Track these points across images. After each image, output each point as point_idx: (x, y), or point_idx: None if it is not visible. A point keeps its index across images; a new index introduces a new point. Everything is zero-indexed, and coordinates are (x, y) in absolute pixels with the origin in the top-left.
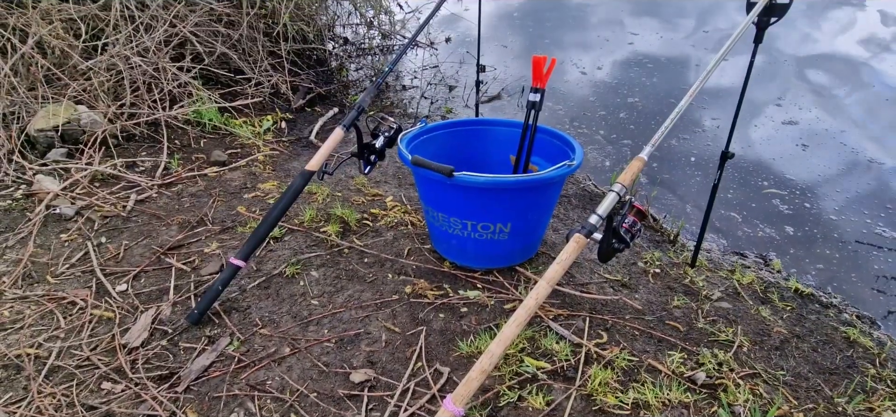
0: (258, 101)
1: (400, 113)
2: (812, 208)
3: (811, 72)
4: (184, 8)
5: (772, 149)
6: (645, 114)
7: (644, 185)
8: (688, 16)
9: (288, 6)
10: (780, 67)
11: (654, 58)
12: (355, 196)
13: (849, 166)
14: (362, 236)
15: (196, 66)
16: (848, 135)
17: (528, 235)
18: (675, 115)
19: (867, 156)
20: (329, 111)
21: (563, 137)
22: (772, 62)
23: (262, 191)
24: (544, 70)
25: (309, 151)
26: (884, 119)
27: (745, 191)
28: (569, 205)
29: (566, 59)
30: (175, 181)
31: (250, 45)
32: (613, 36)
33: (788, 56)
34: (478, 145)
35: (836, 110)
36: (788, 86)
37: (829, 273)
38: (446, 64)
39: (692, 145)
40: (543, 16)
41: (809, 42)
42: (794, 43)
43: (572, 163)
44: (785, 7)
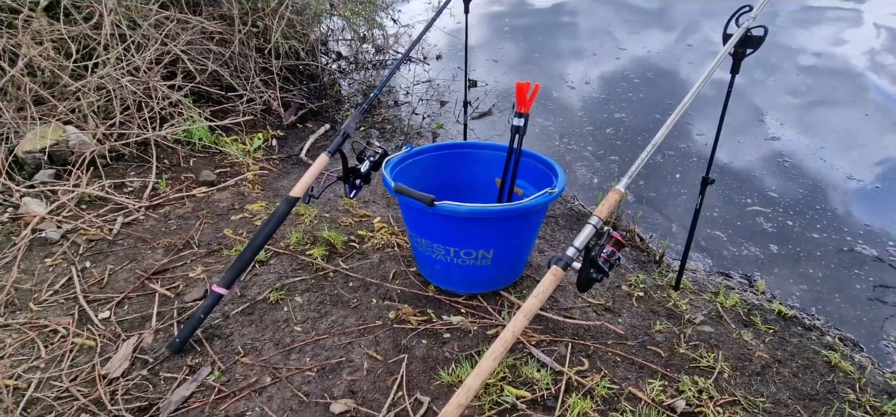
0: (249, 119)
1: (391, 129)
2: (794, 226)
3: (793, 87)
4: (176, 27)
5: (755, 165)
6: (631, 130)
7: (631, 204)
8: (673, 29)
9: (279, 24)
10: (763, 83)
11: (641, 72)
12: (343, 216)
13: (829, 183)
14: (348, 259)
15: (187, 84)
16: (827, 152)
17: (511, 261)
18: (651, 148)
19: (846, 172)
20: (321, 127)
21: (547, 162)
22: (754, 79)
23: (249, 212)
24: (528, 95)
25: (299, 169)
26: (862, 135)
27: (729, 208)
28: (556, 226)
29: (555, 73)
30: (163, 202)
31: (242, 62)
32: (601, 49)
33: (771, 70)
34: (464, 168)
35: (817, 126)
36: (771, 101)
37: (812, 293)
38: (439, 77)
39: (678, 162)
40: (533, 29)
41: (794, 55)
42: (778, 56)
43: (554, 190)
44: (760, 39)
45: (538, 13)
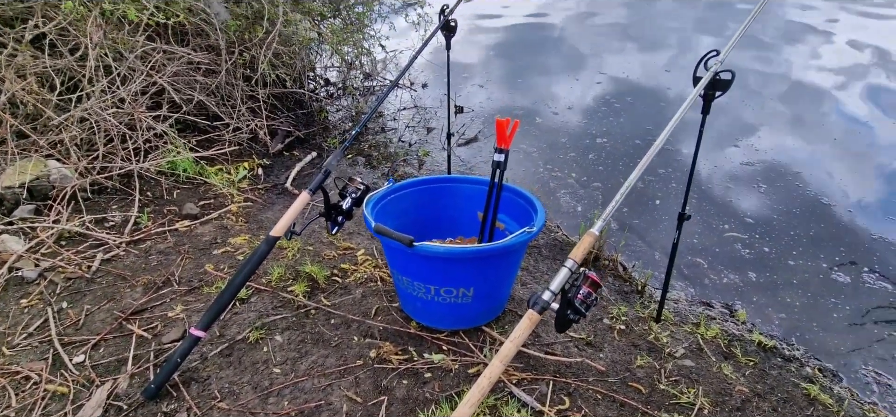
0: (235, 149)
1: (378, 156)
2: (771, 252)
3: (768, 110)
4: (162, 58)
5: (731, 190)
6: (613, 155)
7: (614, 232)
8: (651, 50)
9: (266, 54)
10: (738, 105)
11: (620, 95)
12: (327, 249)
13: (804, 207)
14: (331, 294)
15: (173, 115)
16: (802, 176)
17: (492, 298)
18: (625, 189)
19: (822, 197)
20: (307, 155)
21: (527, 197)
22: (729, 103)
23: (232, 245)
24: (507, 132)
25: (284, 199)
26: (836, 158)
27: (709, 235)
28: (539, 257)
29: (538, 98)
30: (144, 237)
31: (229, 90)
32: (582, 73)
33: (748, 94)
34: (446, 203)
35: (791, 150)
36: (745, 125)
37: (791, 321)
38: (426, 103)
39: (660, 187)
40: (517, 53)
41: (769, 78)
42: (753, 79)
43: (532, 228)
44: (728, 83)
45: (522, 37)
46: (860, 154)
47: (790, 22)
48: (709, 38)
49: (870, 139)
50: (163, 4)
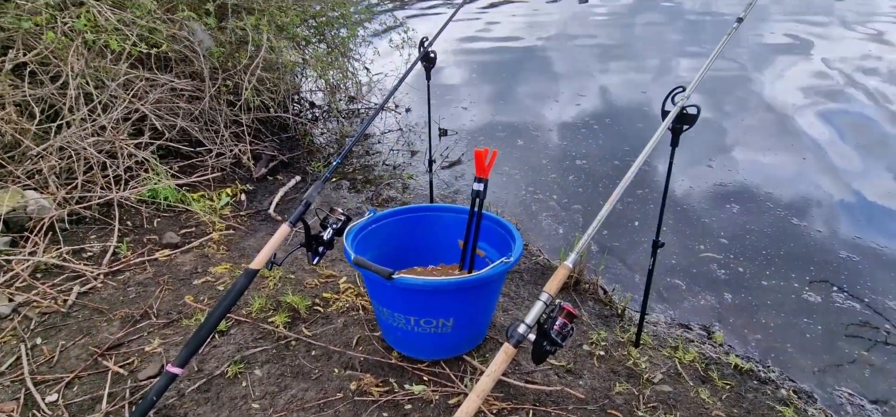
0: (218, 175)
1: (362, 180)
2: (746, 272)
3: (740, 130)
4: (144, 85)
5: (706, 211)
6: (592, 177)
7: (594, 255)
8: (628, 71)
9: (251, 80)
10: (712, 126)
11: (599, 117)
12: (309, 277)
13: (775, 227)
14: (312, 324)
15: (155, 142)
16: (773, 195)
17: (472, 327)
18: (597, 224)
19: (791, 217)
20: (291, 179)
21: (506, 225)
22: (704, 123)
23: (213, 275)
24: (486, 162)
25: (266, 225)
26: (805, 177)
27: (686, 255)
28: (520, 282)
29: (520, 120)
30: (123, 268)
31: (212, 116)
32: (563, 96)
33: (721, 114)
34: (427, 231)
35: (762, 169)
36: (719, 145)
37: (766, 342)
38: (410, 125)
39: (638, 209)
40: (499, 74)
41: (741, 97)
42: (727, 99)
43: (509, 259)
44: (694, 117)
45: (504, 59)
46: (827, 173)
47: (763, 44)
48: (686, 60)
49: (836, 158)
50: (146, 32)
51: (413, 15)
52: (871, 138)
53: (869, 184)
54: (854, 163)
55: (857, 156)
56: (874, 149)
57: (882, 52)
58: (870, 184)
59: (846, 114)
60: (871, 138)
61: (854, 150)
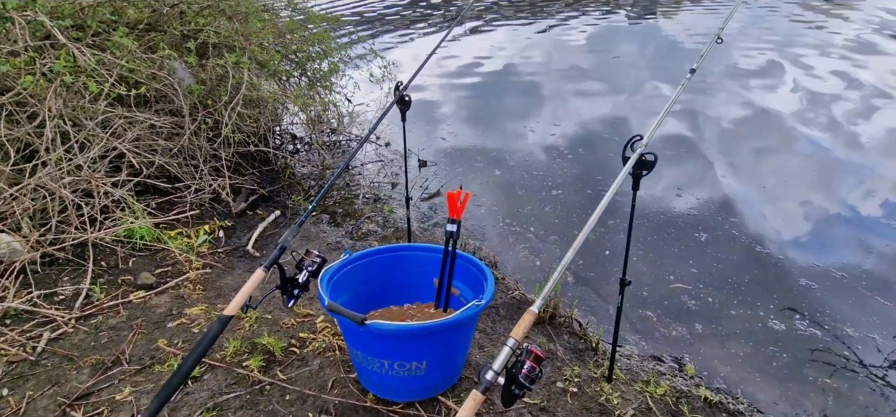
0: (196, 212)
1: (342, 213)
2: (714, 302)
3: (706, 158)
4: (123, 123)
5: (674, 240)
6: (567, 206)
7: (569, 285)
8: (603, 100)
9: (231, 116)
10: (679, 153)
11: (573, 147)
12: (285, 317)
13: (740, 255)
14: (287, 367)
15: (132, 179)
16: (737, 224)
17: (446, 368)
18: (562, 268)
19: (755, 245)
20: (271, 214)
21: (479, 265)
22: (673, 151)
23: (188, 317)
24: (459, 203)
25: (244, 262)
26: (767, 204)
27: (657, 286)
28: (497, 317)
29: (497, 151)
30: (95, 311)
31: (192, 151)
32: (538, 125)
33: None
34: (402, 270)
35: (727, 197)
36: (686, 173)
37: (735, 373)
38: (391, 156)
39: (611, 237)
40: (475, 107)
41: (705, 126)
42: (692, 127)
43: (481, 301)
44: (652, 163)
45: (483, 87)
46: (786, 201)
47: (727, 71)
48: (659, 85)
49: (795, 187)
50: (126, 71)
51: (393, 43)
52: (827, 166)
53: (824, 211)
54: (811, 190)
55: (814, 184)
56: (830, 177)
57: (846, 81)
58: (825, 211)
59: (805, 142)
60: (828, 166)
61: (811, 178)
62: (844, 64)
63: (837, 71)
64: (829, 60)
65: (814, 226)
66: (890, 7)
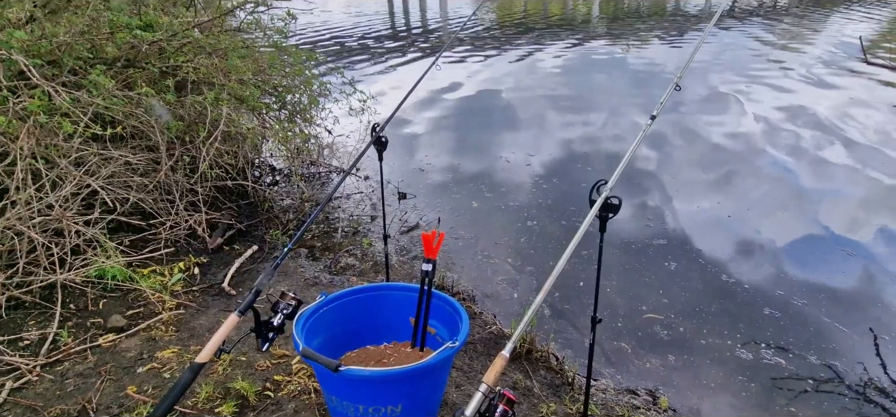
0: (171, 251)
1: (321, 247)
2: (686, 332)
3: (673, 187)
4: (98, 160)
5: (645, 269)
6: (542, 237)
7: (546, 319)
8: (576, 130)
9: (209, 152)
10: (650, 183)
11: (547, 176)
12: (260, 359)
13: (707, 284)
14: (261, 412)
15: (106, 217)
16: (704, 253)
17: (421, 410)
18: (533, 310)
19: (721, 274)
20: (248, 249)
21: (453, 304)
22: (644, 181)
23: (159, 360)
24: (434, 244)
25: (220, 301)
26: (731, 233)
27: (630, 317)
28: (474, 354)
29: (474, 182)
30: (62, 357)
31: (168, 186)
32: (514, 156)
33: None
34: (379, 310)
35: (693, 226)
36: (654, 203)
37: (708, 403)
38: (370, 189)
39: (584, 267)
40: (453, 137)
41: (673, 154)
42: (657, 156)
43: (455, 343)
44: (617, 207)
45: (462, 116)
46: (749, 229)
47: (694, 98)
48: (631, 114)
49: (756, 216)
50: (102, 109)
51: (373, 72)
52: (786, 196)
53: (784, 240)
54: (771, 220)
55: (774, 213)
56: (789, 207)
57: (804, 112)
58: (784, 240)
59: (766, 172)
60: (786, 196)
61: (771, 208)
62: (802, 96)
63: (795, 103)
64: (788, 93)
65: (774, 256)
66: (841, 40)
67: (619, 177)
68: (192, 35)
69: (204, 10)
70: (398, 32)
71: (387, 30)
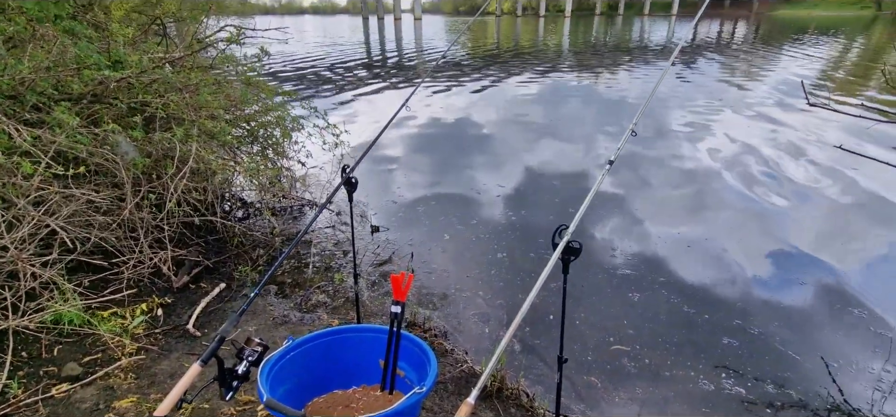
0: (134, 292)
1: (292, 283)
2: (651, 363)
3: (634, 221)
4: (59, 200)
5: (611, 301)
6: (512, 270)
7: (516, 354)
8: (545, 162)
9: (177, 188)
10: (614, 215)
11: (516, 209)
12: (224, 407)
13: (669, 315)
14: None
15: (65, 258)
16: (667, 283)
17: None
18: (499, 353)
19: (683, 305)
20: (215, 288)
21: (422, 346)
22: (609, 214)
23: (117, 411)
24: (403, 286)
25: (183, 344)
26: (691, 264)
27: (598, 351)
28: (444, 393)
29: (445, 214)
30: (10, 411)
31: (133, 223)
32: (484, 187)
33: (617, 195)
34: (348, 352)
35: (655, 257)
36: (618, 235)
37: None
38: (343, 220)
39: (553, 300)
40: (425, 168)
41: (636, 186)
42: (621, 184)
43: (422, 389)
44: (578, 250)
45: (434, 148)
46: (708, 260)
47: (657, 128)
48: (601, 142)
49: (716, 247)
50: (65, 147)
51: (349, 100)
52: (745, 225)
53: (741, 269)
54: (730, 249)
55: (733, 243)
56: (745, 236)
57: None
58: (742, 269)
59: (725, 202)
60: (745, 225)
61: (730, 237)
62: (760, 126)
63: (748, 140)
64: (747, 123)
65: (732, 284)
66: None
67: (583, 213)
68: (163, 72)
69: (176, 45)
70: (374, 62)
71: (363, 59)
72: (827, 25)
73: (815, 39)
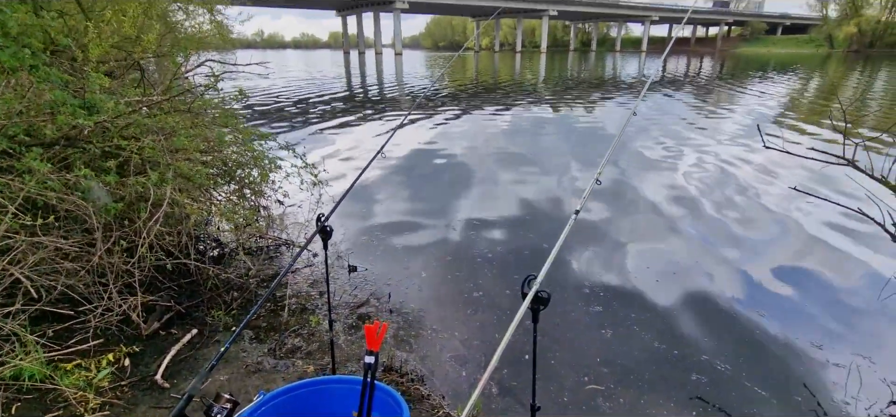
0: (100, 341)
1: (266, 327)
2: (625, 402)
3: (603, 256)
4: (26, 248)
5: (583, 336)
6: (489, 308)
7: (494, 397)
8: (518, 196)
9: (150, 232)
10: (585, 252)
11: (492, 246)
12: None
13: (641, 350)
14: None
15: (29, 308)
16: (638, 319)
17: None
18: (472, 404)
19: (654, 342)
20: (186, 334)
21: (395, 397)
22: (572, 241)
23: None
24: (376, 335)
25: (151, 397)
26: (657, 302)
27: (573, 391)
28: None
29: (422, 252)
30: None
31: (102, 268)
32: (460, 223)
33: (594, 224)
34: (322, 404)
35: (624, 291)
36: (586, 267)
37: None
38: (318, 263)
39: (527, 338)
40: (401, 205)
41: (604, 215)
42: (591, 216)
43: None
44: (547, 300)
45: (409, 183)
46: (675, 295)
47: (627, 162)
48: (576, 173)
49: (683, 282)
50: (35, 194)
51: (331, 134)
52: (710, 259)
53: (706, 303)
54: (696, 285)
55: (699, 277)
56: (711, 271)
57: (729, 174)
58: (707, 303)
59: (690, 234)
60: (711, 259)
61: (697, 272)
62: (726, 159)
63: (710, 178)
64: (713, 156)
65: (698, 318)
66: (748, 118)
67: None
68: (139, 116)
69: (154, 89)
70: (354, 94)
71: (343, 92)
72: (785, 63)
73: (773, 76)
